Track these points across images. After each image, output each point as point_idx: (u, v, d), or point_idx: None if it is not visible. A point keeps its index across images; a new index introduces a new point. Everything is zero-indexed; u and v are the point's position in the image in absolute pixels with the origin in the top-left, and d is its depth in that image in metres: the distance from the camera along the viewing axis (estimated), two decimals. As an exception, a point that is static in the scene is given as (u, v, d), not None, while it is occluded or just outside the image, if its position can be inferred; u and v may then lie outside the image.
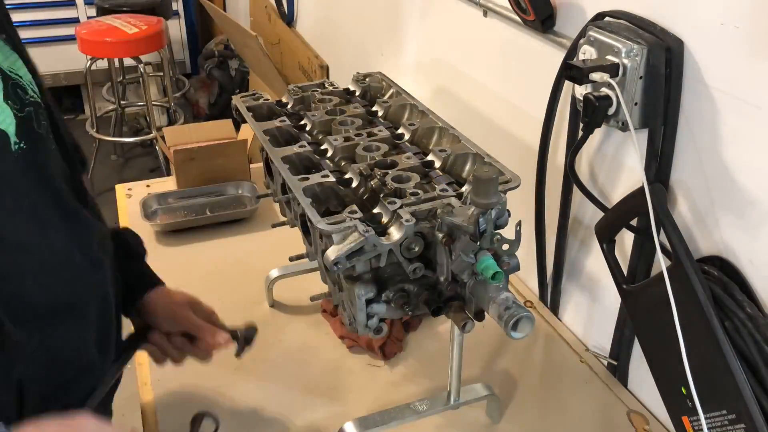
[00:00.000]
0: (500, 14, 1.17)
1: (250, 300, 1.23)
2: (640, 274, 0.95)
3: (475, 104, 1.33)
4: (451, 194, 0.81)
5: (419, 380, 1.06)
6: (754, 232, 0.78)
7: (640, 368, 1.02)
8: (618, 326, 1.03)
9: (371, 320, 0.80)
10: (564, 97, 1.04)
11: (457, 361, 0.91)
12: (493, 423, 0.99)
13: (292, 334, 1.16)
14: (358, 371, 1.08)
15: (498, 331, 1.09)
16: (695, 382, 0.76)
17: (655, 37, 0.83)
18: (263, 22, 2.90)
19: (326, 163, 0.92)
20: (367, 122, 1.02)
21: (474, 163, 0.90)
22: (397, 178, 0.84)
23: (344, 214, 0.77)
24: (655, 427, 0.98)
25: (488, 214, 0.72)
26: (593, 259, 1.08)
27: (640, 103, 0.86)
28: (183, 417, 0.99)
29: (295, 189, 0.83)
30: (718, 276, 0.81)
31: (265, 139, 0.95)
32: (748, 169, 0.78)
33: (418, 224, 0.77)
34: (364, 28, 1.90)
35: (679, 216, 0.88)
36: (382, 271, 0.79)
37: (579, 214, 1.09)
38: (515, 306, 0.72)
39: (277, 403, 1.02)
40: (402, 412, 0.93)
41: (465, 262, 0.75)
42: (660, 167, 0.88)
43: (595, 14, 0.92)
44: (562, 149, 1.06)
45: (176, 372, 1.07)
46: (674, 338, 0.76)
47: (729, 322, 0.77)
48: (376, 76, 1.16)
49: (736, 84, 0.77)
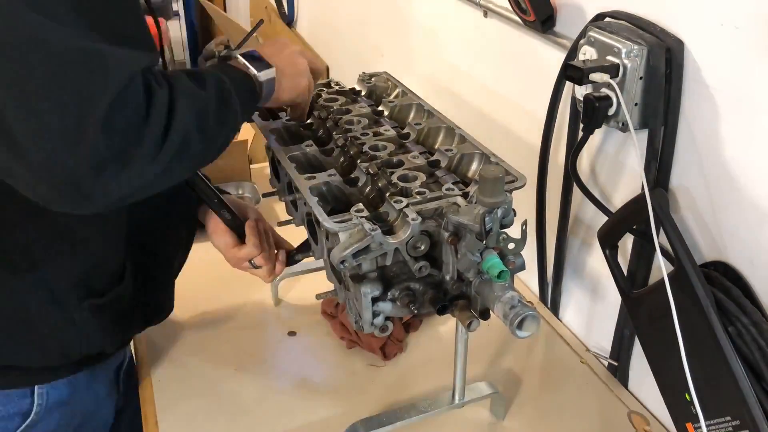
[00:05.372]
0: (500, 15, 1.17)
1: (252, 300, 1.23)
2: (639, 278, 0.95)
3: (475, 104, 1.34)
4: (457, 193, 0.81)
5: (420, 380, 1.06)
6: (754, 233, 0.79)
7: (640, 369, 1.02)
8: (618, 327, 1.04)
9: (377, 318, 0.80)
10: (565, 98, 1.04)
11: (462, 360, 0.91)
12: (498, 421, 0.99)
13: (296, 333, 1.16)
14: (359, 372, 1.08)
15: (498, 331, 1.11)
16: (699, 388, 0.75)
17: (655, 37, 0.84)
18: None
19: (332, 163, 0.93)
20: (374, 122, 1.02)
21: (480, 163, 0.90)
22: (404, 177, 0.85)
23: (351, 212, 0.78)
24: (656, 427, 0.99)
25: (494, 213, 0.73)
26: (594, 260, 1.09)
27: (640, 103, 0.87)
28: (183, 417, 1.00)
29: (302, 188, 0.84)
30: (720, 281, 0.81)
31: (271, 138, 0.96)
32: (748, 169, 0.78)
33: (424, 223, 0.77)
34: (364, 29, 1.90)
35: (680, 219, 0.88)
36: (388, 269, 0.80)
37: (580, 214, 1.10)
38: (521, 305, 0.73)
39: (277, 403, 1.02)
40: (407, 411, 0.94)
41: (471, 261, 0.75)
42: (660, 168, 0.88)
43: (596, 15, 0.93)
44: (563, 149, 1.06)
45: (176, 372, 1.08)
46: (677, 344, 0.75)
47: (732, 327, 0.77)
48: (382, 75, 1.17)
49: (736, 84, 0.77)
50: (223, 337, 1.15)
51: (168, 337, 1.15)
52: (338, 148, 0.95)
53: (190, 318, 1.20)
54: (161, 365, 1.09)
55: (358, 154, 0.91)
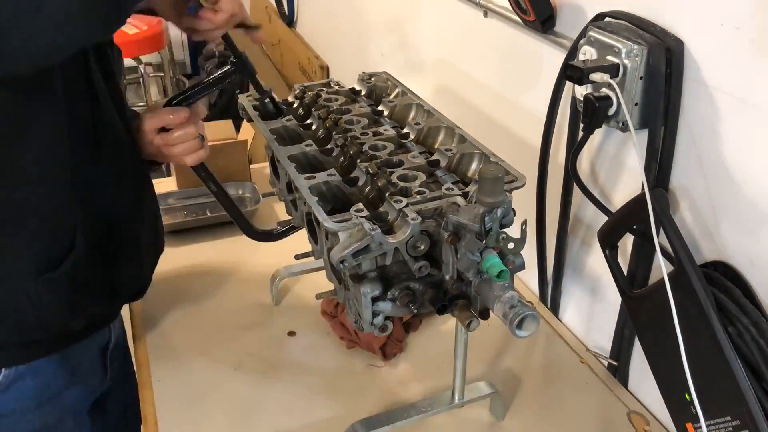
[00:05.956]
0: (500, 15, 1.18)
1: (252, 300, 1.23)
2: (639, 278, 0.95)
3: (475, 104, 1.34)
4: (456, 193, 0.81)
5: (420, 380, 1.06)
6: (754, 233, 0.79)
7: (640, 369, 1.02)
8: (618, 327, 1.04)
9: (377, 318, 0.80)
10: (565, 98, 1.04)
11: (462, 360, 0.91)
12: (497, 421, 0.99)
13: (296, 333, 1.17)
14: (359, 372, 1.08)
15: (498, 331, 1.11)
16: (699, 389, 0.75)
17: (655, 37, 0.84)
18: (263, 22, 2.91)
19: (332, 162, 0.93)
20: (373, 121, 1.02)
21: (480, 163, 0.91)
22: (403, 177, 0.85)
23: (350, 212, 0.78)
24: (656, 427, 0.99)
25: (494, 212, 0.73)
26: (594, 260, 1.09)
27: (641, 103, 0.87)
28: (183, 417, 1.00)
29: (302, 187, 0.84)
30: (720, 281, 0.81)
31: (271, 138, 0.96)
32: (748, 169, 0.78)
33: (424, 223, 0.77)
34: (364, 29, 1.91)
35: (680, 219, 0.88)
36: (388, 269, 0.80)
37: (580, 214, 1.10)
38: (520, 305, 0.73)
39: (277, 403, 1.02)
40: (407, 411, 0.94)
41: (470, 261, 0.75)
42: (660, 168, 0.88)
43: (596, 15, 0.93)
44: (563, 149, 1.06)
45: (176, 371, 1.08)
46: (677, 344, 0.75)
47: (732, 327, 0.77)
48: (381, 75, 1.17)
49: (736, 84, 0.77)
50: (223, 337, 1.15)
51: (168, 337, 1.15)
52: (338, 148, 0.95)
53: (191, 318, 1.20)
54: (161, 365, 1.09)
55: (358, 153, 0.91)
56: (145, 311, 1.21)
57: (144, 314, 1.21)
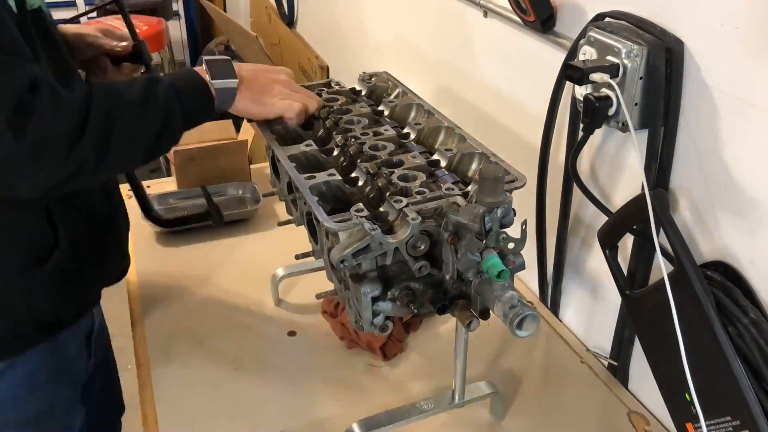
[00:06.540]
0: (500, 15, 1.18)
1: (253, 300, 1.23)
2: (639, 278, 0.95)
3: (475, 104, 1.34)
4: (456, 193, 0.81)
5: (420, 380, 1.06)
6: (754, 233, 0.79)
7: (640, 369, 1.02)
8: (618, 326, 1.04)
9: (377, 318, 0.80)
10: (565, 98, 1.04)
11: (462, 360, 0.91)
12: (497, 421, 0.99)
13: (296, 333, 1.17)
14: (359, 372, 1.08)
15: (498, 331, 1.11)
16: (699, 388, 0.75)
17: (655, 37, 0.84)
18: (263, 22, 2.91)
19: (332, 162, 0.93)
20: (374, 121, 1.02)
21: (480, 163, 0.91)
22: (403, 176, 0.85)
23: (351, 212, 0.78)
24: (656, 427, 0.99)
25: (494, 212, 0.73)
26: (594, 259, 1.09)
27: (641, 103, 0.87)
28: (183, 417, 1.00)
29: (302, 187, 0.84)
30: (720, 281, 0.81)
31: (271, 138, 0.96)
32: (748, 169, 0.78)
33: (424, 222, 0.77)
34: (364, 29, 1.91)
35: (680, 219, 0.88)
36: (388, 269, 0.80)
37: (580, 214, 1.10)
38: (520, 305, 0.73)
39: (277, 403, 1.02)
40: (408, 411, 0.94)
41: (470, 261, 0.75)
42: (660, 168, 0.88)
43: (596, 15, 0.93)
44: (563, 149, 1.06)
45: (176, 371, 1.08)
46: (677, 344, 0.75)
47: (732, 327, 0.77)
48: (382, 75, 1.17)
49: (736, 84, 0.77)
50: (223, 337, 1.15)
51: (168, 337, 1.15)
52: (338, 148, 0.95)
53: (191, 318, 1.20)
54: (161, 365, 1.09)
55: (358, 153, 0.91)
56: (146, 311, 1.21)
57: (144, 314, 1.21)
